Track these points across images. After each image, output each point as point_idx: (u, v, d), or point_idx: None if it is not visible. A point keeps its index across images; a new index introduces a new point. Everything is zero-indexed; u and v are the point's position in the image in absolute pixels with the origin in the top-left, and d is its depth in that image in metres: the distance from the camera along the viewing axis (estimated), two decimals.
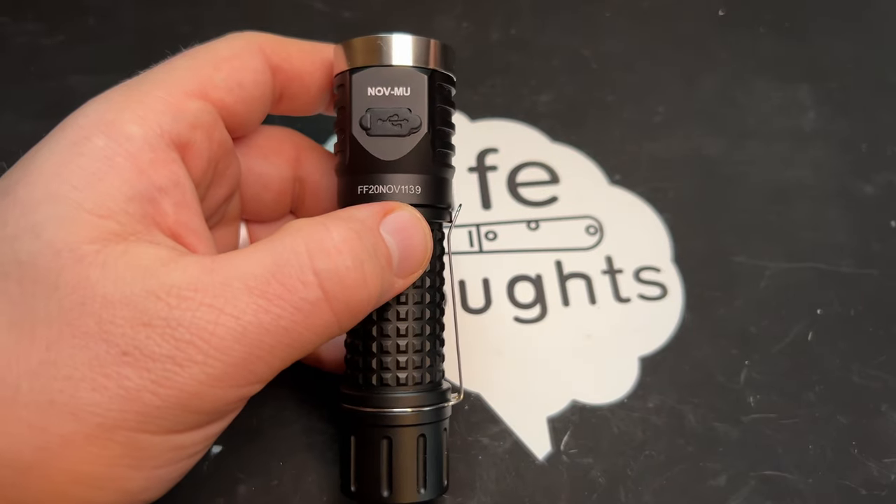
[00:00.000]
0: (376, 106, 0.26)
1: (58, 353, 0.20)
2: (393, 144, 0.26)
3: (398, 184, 0.26)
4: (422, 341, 0.26)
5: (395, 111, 0.26)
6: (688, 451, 0.31)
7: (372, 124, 0.26)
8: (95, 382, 0.20)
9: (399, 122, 0.26)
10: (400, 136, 0.26)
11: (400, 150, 0.26)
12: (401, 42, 0.26)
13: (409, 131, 0.26)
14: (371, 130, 0.26)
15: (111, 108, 0.23)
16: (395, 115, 0.26)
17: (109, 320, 0.20)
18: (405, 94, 0.26)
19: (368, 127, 0.26)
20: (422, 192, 0.26)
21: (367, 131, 0.26)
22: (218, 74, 0.25)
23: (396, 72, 0.26)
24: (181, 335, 0.21)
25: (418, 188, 0.26)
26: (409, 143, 0.26)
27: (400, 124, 0.26)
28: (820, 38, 0.40)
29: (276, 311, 0.21)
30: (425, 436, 0.26)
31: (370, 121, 0.26)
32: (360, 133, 0.26)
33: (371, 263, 0.23)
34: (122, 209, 0.22)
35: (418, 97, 0.26)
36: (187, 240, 0.23)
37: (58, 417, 0.20)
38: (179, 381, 0.21)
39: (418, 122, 0.26)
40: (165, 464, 0.22)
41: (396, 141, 0.26)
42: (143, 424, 0.21)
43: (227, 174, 0.27)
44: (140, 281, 0.21)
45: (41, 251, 0.21)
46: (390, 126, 0.26)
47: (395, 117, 0.26)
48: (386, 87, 0.26)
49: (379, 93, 0.26)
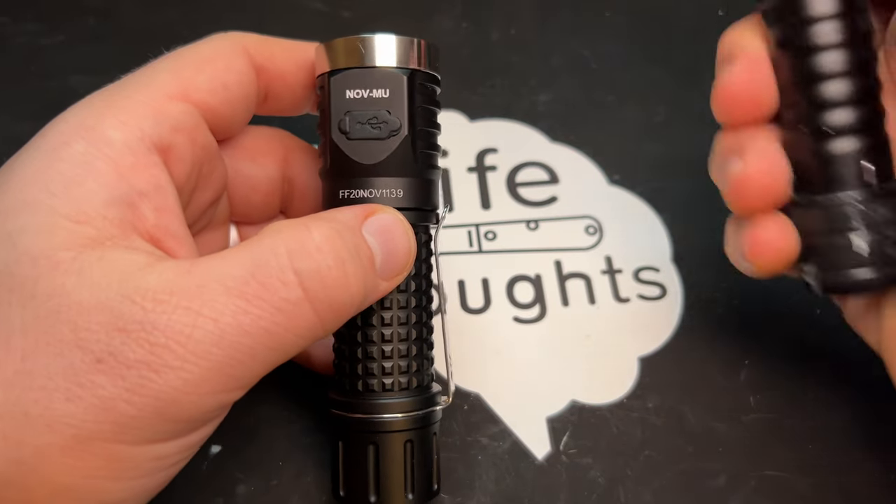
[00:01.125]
0: (355, 109, 0.25)
1: (33, 363, 0.20)
2: (373, 148, 0.25)
3: (380, 187, 0.25)
4: (408, 346, 0.26)
5: (374, 114, 0.25)
6: (688, 451, 0.31)
7: (351, 128, 0.25)
8: (70, 392, 0.20)
9: (378, 125, 0.25)
10: (380, 139, 0.25)
11: (380, 154, 0.25)
12: (381, 42, 0.26)
13: (388, 134, 0.25)
14: (350, 134, 0.25)
15: (92, 113, 0.23)
16: (374, 117, 0.25)
17: (85, 327, 0.20)
18: (384, 95, 0.25)
19: (347, 130, 0.25)
20: (404, 195, 0.26)
21: (347, 135, 0.25)
22: (200, 76, 0.25)
23: (375, 73, 0.25)
24: (156, 339, 0.20)
25: (401, 191, 0.26)
26: (390, 145, 0.25)
27: (379, 127, 0.25)
28: None
29: (255, 311, 0.21)
30: (412, 441, 0.26)
31: (349, 124, 0.25)
32: (339, 137, 0.25)
33: (353, 263, 0.23)
34: (100, 214, 0.21)
35: (397, 99, 0.25)
36: (167, 244, 0.23)
37: (33, 430, 0.20)
38: (154, 387, 0.20)
39: (398, 124, 0.25)
40: (145, 474, 0.22)
41: (376, 144, 0.25)
42: (119, 435, 0.20)
43: (212, 177, 0.27)
44: (116, 286, 0.20)
45: (18, 259, 0.21)
46: (370, 129, 0.25)
47: (374, 120, 0.25)
48: (364, 89, 0.25)
49: (358, 95, 0.25)
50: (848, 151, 0.25)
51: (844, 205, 0.24)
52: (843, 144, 0.25)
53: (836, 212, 0.25)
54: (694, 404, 0.32)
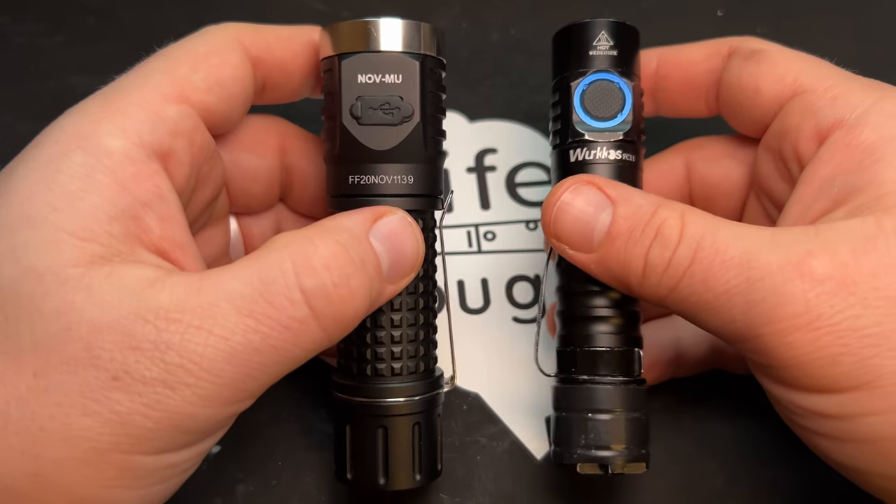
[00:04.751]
0: (367, 94, 0.25)
1: (47, 380, 0.20)
2: (384, 133, 0.25)
3: (390, 174, 0.25)
4: (415, 331, 0.26)
5: (386, 99, 0.25)
6: (687, 451, 0.31)
7: (363, 113, 0.25)
8: (86, 408, 0.20)
9: (391, 111, 0.25)
10: (392, 124, 0.25)
11: (392, 140, 0.25)
12: (390, 26, 0.25)
13: (401, 120, 0.25)
14: (362, 119, 0.25)
15: (88, 120, 0.23)
16: (386, 103, 0.25)
17: (98, 345, 0.20)
18: (396, 81, 0.25)
19: (359, 115, 0.25)
20: (415, 182, 0.26)
21: (358, 120, 0.25)
22: (196, 74, 0.25)
23: (387, 58, 0.25)
24: (171, 358, 0.21)
25: (411, 177, 0.26)
26: (402, 132, 0.25)
27: (392, 113, 0.25)
28: (819, 38, 0.40)
29: (264, 330, 0.21)
30: (420, 423, 0.26)
31: (361, 109, 0.25)
32: (350, 122, 0.25)
33: (358, 277, 0.23)
34: (105, 230, 0.21)
35: (410, 84, 0.25)
36: (173, 255, 0.23)
37: (50, 444, 0.20)
38: (171, 403, 0.21)
39: (410, 110, 0.25)
40: (159, 482, 0.22)
41: (388, 130, 0.25)
42: (135, 447, 0.21)
43: (211, 176, 0.27)
44: (126, 304, 0.21)
45: (23, 276, 0.21)
46: (382, 115, 0.25)
47: (386, 105, 0.25)
48: (377, 74, 0.25)
49: (369, 80, 0.25)
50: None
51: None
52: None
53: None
54: (693, 404, 0.32)
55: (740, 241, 0.23)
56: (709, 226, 0.23)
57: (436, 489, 0.30)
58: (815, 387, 0.22)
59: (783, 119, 0.27)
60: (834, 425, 0.23)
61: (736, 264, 0.22)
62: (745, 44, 0.29)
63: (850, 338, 0.21)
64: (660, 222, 0.24)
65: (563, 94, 0.28)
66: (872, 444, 0.22)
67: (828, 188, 0.24)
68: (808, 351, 0.22)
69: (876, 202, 0.23)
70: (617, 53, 0.28)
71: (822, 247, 0.22)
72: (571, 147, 0.27)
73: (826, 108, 0.25)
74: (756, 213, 0.30)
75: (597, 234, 0.25)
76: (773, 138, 0.28)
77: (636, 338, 0.28)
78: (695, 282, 0.23)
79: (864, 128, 0.24)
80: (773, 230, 0.23)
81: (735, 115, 0.29)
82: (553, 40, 0.29)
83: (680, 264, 0.23)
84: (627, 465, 0.26)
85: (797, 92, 0.26)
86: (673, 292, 0.24)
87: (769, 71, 0.27)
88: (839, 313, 0.22)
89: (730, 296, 0.23)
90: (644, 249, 0.24)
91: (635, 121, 0.27)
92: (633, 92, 0.27)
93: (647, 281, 0.24)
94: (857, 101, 0.25)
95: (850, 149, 0.24)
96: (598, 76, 0.27)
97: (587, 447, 0.26)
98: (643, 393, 0.27)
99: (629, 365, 0.27)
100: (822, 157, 0.25)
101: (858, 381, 0.22)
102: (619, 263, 0.24)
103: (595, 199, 0.25)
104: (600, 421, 0.26)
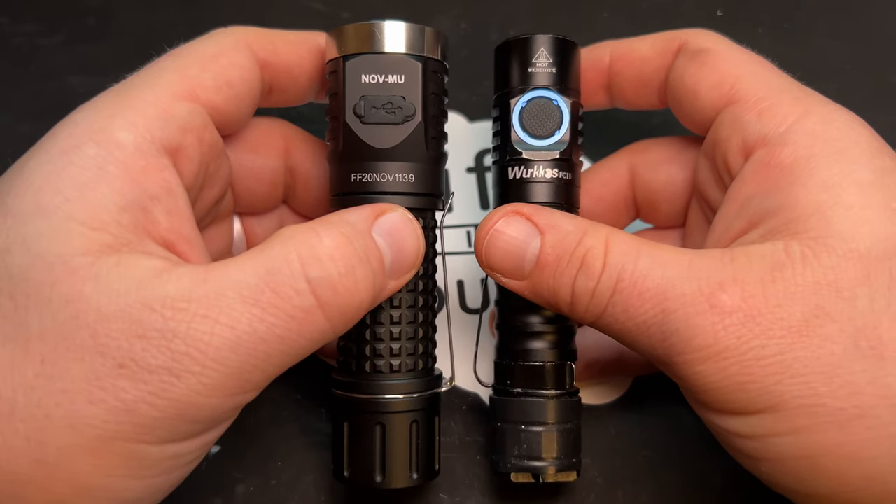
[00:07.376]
0: (370, 93, 0.26)
1: (53, 367, 0.20)
2: (387, 132, 0.26)
3: (392, 172, 0.26)
4: (415, 329, 0.27)
5: (389, 99, 0.26)
6: (686, 451, 0.31)
7: (366, 112, 0.26)
8: (92, 395, 0.20)
9: (393, 110, 0.26)
10: (394, 123, 0.26)
11: (394, 139, 0.26)
12: (394, 29, 0.26)
13: (402, 119, 0.26)
14: (365, 118, 0.26)
15: (101, 114, 0.23)
16: (389, 102, 0.26)
17: (105, 333, 0.20)
18: (399, 81, 0.26)
19: (362, 114, 0.26)
20: (415, 181, 0.26)
21: (361, 119, 0.26)
22: (206, 74, 0.25)
23: (390, 59, 0.26)
24: (177, 347, 0.21)
25: (412, 176, 0.26)
26: (403, 131, 0.26)
27: (394, 112, 0.26)
28: (818, 38, 0.40)
29: (270, 319, 0.22)
30: (418, 422, 0.26)
31: (364, 108, 0.26)
32: (353, 120, 0.26)
33: (362, 269, 0.23)
34: (115, 220, 0.22)
35: (412, 85, 0.26)
36: (180, 248, 0.23)
37: (55, 430, 0.20)
38: (177, 392, 0.21)
39: (412, 110, 0.26)
40: (163, 472, 0.22)
41: (390, 129, 0.26)
42: (140, 435, 0.21)
43: (218, 174, 0.27)
44: (134, 293, 0.21)
45: (33, 264, 0.21)
46: (384, 114, 0.26)
47: (389, 105, 0.26)
48: (380, 74, 0.26)
49: (373, 80, 0.26)
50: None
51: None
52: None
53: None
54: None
55: (659, 268, 0.24)
56: (630, 255, 0.24)
57: (435, 489, 0.30)
58: (727, 409, 0.24)
59: (716, 129, 0.27)
60: (750, 444, 0.24)
61: (652, 296, 0.23)
62: (693, 39, 0.29)
63: (755, 367, 0.22)
64: (584, 251, 0.25)
65: (503, 110, 0.29)
66: (782, 462, 0.23)
67: (746, 208, 0.25)
68: (717, 379, 0.23)
69: (786, 226, 0.24)
70: (556, 70, 0.28)
71: (732, 278, 0.23)
72: (510, 164, 0.28)
73: (753, 123, 0.26)
74: (698, 217, 0.30)
75: (527, 262, 0.26)
76: (709, 146, 0.28)
77: (570, 351, 0.29)
78: (616, 311, 0.24)
79: (784, 147, 0.25)
80: (692, 255, 0.24)
81: (680, 114, 0.30)
82: (495, 54, 0.30)
83: (603, 295, 0.24)
84: (558, 473, 0.27)
85: (731, 101, 0.27)
86: (600, 319, 0.25)
87: (708, 76, 0.28)
88: (745, 344, 0.22)
89: (647, 326, 0.24)
90: (570, 279, 0.25)
91: (573, 138, 0.28)
92: (570, 109, 0.28)
93: (576, 308, 0.25)
94: (781, 117, 0.25)
95: (768, 168, 0.25)
96: (537, 93, 0.28)
97: (520, 457, 0.27)
98: (575, 405, 0.28)
99: (562, 378, 0.28)
100: (745, 175, 0.26)
101: (764, 405, 0.23)
102: (549, 291, 0.25)
103: (524, 228, 0.26)
104: (533, 433, 0.27)
